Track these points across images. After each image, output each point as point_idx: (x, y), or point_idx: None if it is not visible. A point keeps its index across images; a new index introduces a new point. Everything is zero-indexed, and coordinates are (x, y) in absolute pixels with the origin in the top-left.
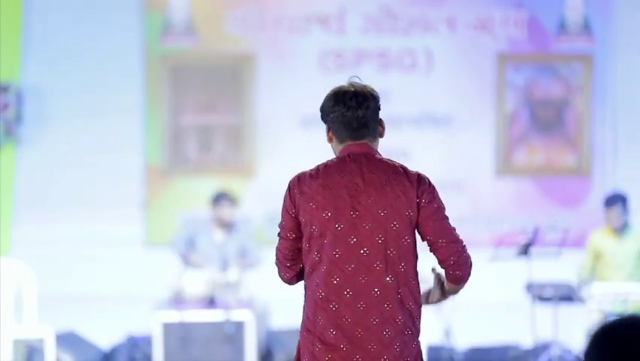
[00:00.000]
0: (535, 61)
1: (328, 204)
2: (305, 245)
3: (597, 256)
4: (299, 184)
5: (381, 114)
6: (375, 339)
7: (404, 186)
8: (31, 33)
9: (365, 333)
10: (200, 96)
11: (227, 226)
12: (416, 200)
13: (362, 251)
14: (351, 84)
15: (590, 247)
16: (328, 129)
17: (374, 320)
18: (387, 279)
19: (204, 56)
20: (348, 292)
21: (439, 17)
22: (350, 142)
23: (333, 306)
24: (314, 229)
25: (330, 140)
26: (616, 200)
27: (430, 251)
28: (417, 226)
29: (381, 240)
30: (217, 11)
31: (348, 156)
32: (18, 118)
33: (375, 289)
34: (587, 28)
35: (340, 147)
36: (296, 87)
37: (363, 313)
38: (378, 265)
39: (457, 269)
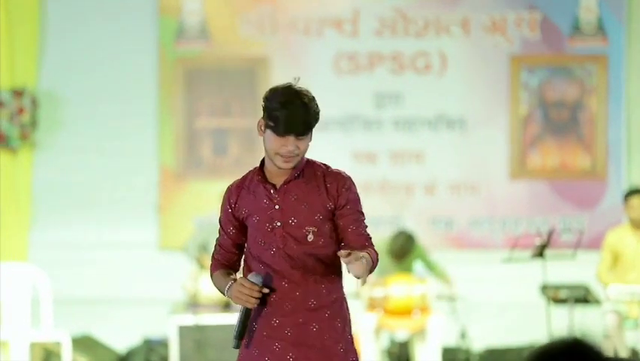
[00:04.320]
0: (549, 62)
1: None
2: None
3: (615, 256)
4: None
5: (396, 116)
6: None
7: None
8: (46, 39)
9: None
10: (215, 99)
11: None
12: None
13: None
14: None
15: (607, 245)
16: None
17: None
18: None
19: (218, 59)
20: None
21: (453, 19)
22: None
23: None
24: None
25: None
26: (637, 191)
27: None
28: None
29: None
30: (231, 14)
31: None
32: (33, 123)
33: None
34: (601, 28)
35: None
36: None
37: None
38: None
39: None
